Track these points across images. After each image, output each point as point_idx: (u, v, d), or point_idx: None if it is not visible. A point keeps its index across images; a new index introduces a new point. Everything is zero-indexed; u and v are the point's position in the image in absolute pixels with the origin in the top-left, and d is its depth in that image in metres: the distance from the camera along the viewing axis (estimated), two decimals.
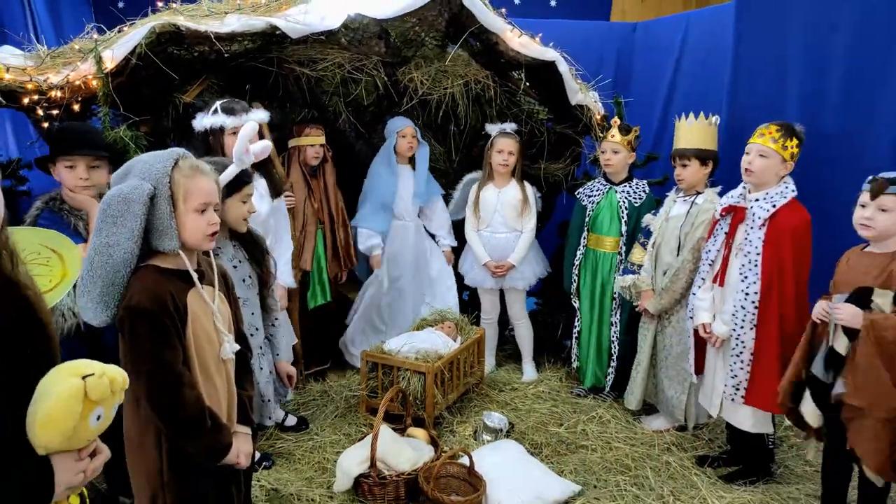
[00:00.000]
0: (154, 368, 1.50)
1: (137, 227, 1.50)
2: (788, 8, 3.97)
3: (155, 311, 1.50)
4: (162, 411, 1.52)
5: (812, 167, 3.17)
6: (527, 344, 3.91)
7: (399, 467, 2.56)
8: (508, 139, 3.66)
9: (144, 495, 1.61)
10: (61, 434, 1.08)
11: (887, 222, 2.16)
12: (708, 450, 3.04)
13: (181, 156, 1.60)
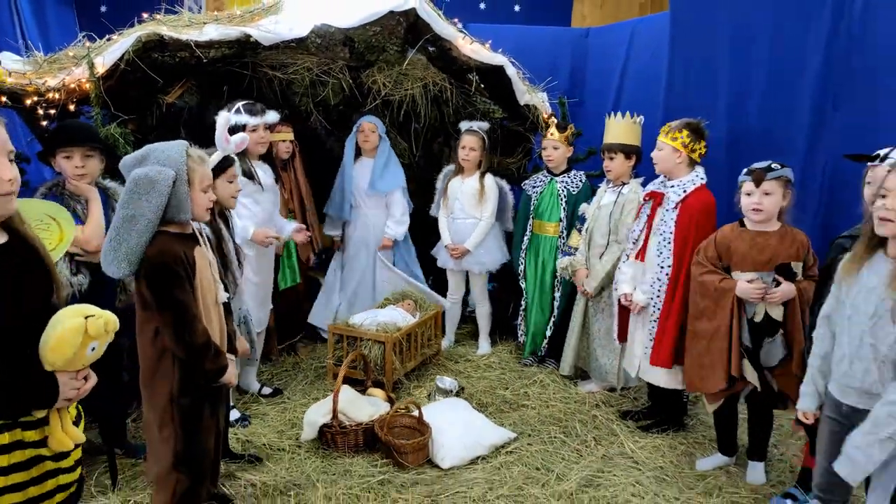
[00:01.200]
0: (174, 307, 1.92)
1: (162, 203, 1.91)
2: (716, 18, 4.42)
3: (174, 264, 1.93)
4: (180, 339, 1.94)
5: (739, 160, 3.54)
6: (484, 323, 4.31)
7: (358, 419, 2.96)
8: (472, 136, 4.05)
9: (158, 410, 2.02)
10: (64, 358, 1.46)
11: (772, 204, 2.59)
12: (631, 406, 3.47)
13: (188, 146, 2.01)
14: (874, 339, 1.83)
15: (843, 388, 1.94)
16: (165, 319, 1.94)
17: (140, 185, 1.91)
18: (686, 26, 4.56)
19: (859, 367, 1.87)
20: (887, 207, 1.78)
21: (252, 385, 3.54)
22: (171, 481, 2.06)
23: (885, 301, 1.80)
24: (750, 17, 4.31)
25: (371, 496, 2.60)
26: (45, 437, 1.47)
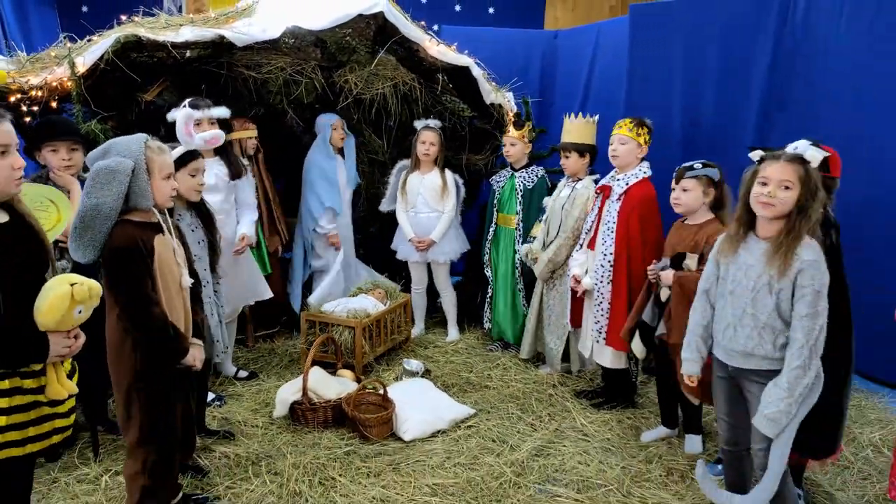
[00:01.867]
0: (130, 291, 2.08)
1: (122, 192, 2.08)
2: (671, 22, 4.68)
3: (131, 251, 2.08)
4: (135, 322, 2.10)
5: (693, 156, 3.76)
6: (451, 310, 4.52)
7: (327, 396, 3.16)
8: (431, 132, 4.26)
9: (122, 390, 2.18)
10: (55, 320, 1.66)
11: (690, 199, 2.83)
12: (586, 387, 3.70)
13: (148, 138, 2.18)
14: (754, 310, 2.08)
15: (728, 353, 2.18)
16: (120, 301, 2.09)
17: (101, 175, 2.08)
18: (643, 32, 4.82)
19: (742, 334, 2.11)
20: (768, 194, 2.02)
21: (228, 370, 3.72)
22: (141, 454, 2.22)
23: (762, 277, 2.05)
24: (702, 24, 4.59)
25: (337, 465, 2.80)
26: (42, 386, 1.67)
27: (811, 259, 1.98)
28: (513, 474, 2.77)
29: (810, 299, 1.97)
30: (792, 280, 2.00)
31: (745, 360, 2.15)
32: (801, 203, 2.02)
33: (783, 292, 2.02)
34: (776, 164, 2.07)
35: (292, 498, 2.57)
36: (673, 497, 2.63)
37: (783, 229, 2.05)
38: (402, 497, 2.58)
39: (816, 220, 2.05)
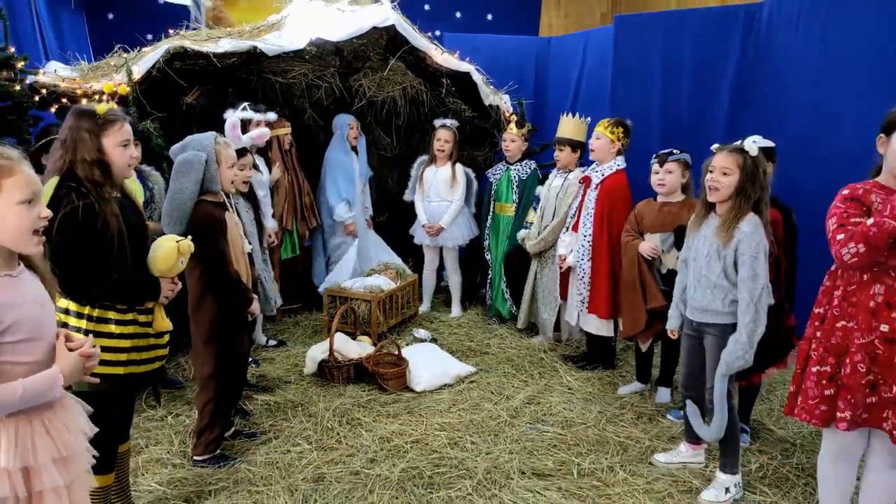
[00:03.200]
0: (211, 254, 2.61)
1: (198, 178, 2.62)
2: (651, 32, 5.22)
3: (211, 223, 2.63)
4: (215, 278, 2.65)
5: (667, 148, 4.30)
6: (456, 290, 5.05)
7: (350, 356, 3.70)
8: (446, 130, 4.78)
9: (202, 334, 2.73)
10: (167, 266, 2.18)
11: (672, 180, 3.36)
12: (573, 352, 4.23)
13: (217, 135, 2.72)
14: (708, 272, 2.60)
15: (692, 310, 2.70)
16: (203, 262, 2.63)
17: (182, 166, 2.63)
18: (626, 40, 5.35)
19: (700, 293, 2.63)
20: (713, 179, 2.55)
21: (260, 338, 4.26)
22: (212, 386, 2.78)
23: (713, 246, 2.57)
24: (678, 34, 5.13)
25: (361, 409, 3.34)
26: (150, 321, 2.20)
27: (748, 231, 2.49)
28: (508, 416, 3.31)
29: (749, 264, 2.48)
30: (734, 248, 2.51)
31: (702, 315, 2.66)
32: (740, 186, 2.54)
33: (728, 258, 2.53)
34: (720, 155, 2.60)
35: (326, 432, 3.11)
36: (641, 433, 3.17)
37: (730, 208, 2.58)
38: (416, 431, 3.12)
39: (762, 200, 2.56)
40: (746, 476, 2.79)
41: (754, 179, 2.53)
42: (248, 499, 2.56)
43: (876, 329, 2.03)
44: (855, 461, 2.25)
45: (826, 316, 2.16)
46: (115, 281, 2.09)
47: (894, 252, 1.99)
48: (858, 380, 2.05)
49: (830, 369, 2.11)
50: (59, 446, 1.53)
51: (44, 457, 1.50)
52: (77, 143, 2.07)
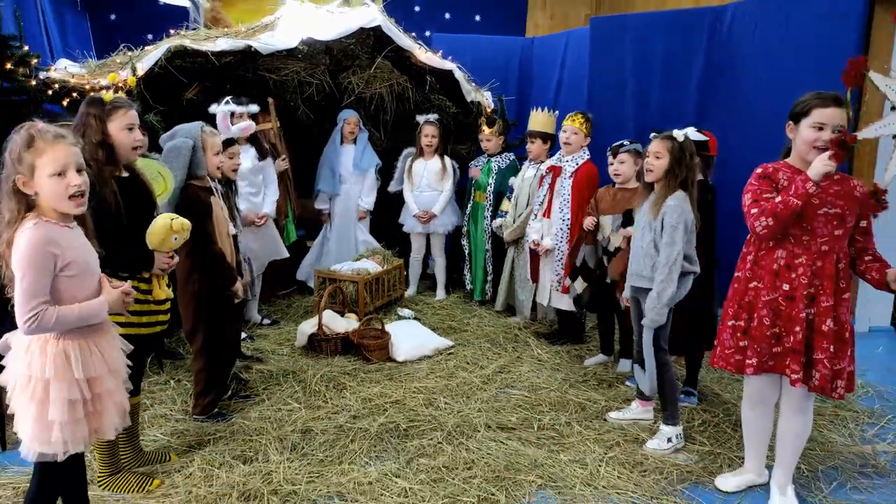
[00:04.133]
0: (200, 233, 2.90)
1: (185, 163, 2.93)
2: (625, 33, 5.54)
3: (197, 205, 2.92)
4: (201, 255, 2.93)
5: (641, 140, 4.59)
6: (441, 275, 5.37)
7: (337, 330, 4.02)
8: (431, 126, 5.10)
9: (189, 310, 3.03)
10: (159, 240, 2.47)
11: (626, 169, 3.69)
12: (545, 330, 4.56)
13: (203, 125, 3.03)
14: (642, 242, 2.94)
15: (631, 276, 3.04)
16: (195, 240, 2.85)
17: (171, 153, 2.94)
18: (602, 41, 5.67)
19: (636, 261, 2.97)
20: (648, 163, 2.89)
21: (255, 317, 4.58)
22: (203, 356, 3.08)
23: (646, 218, 2.91)
24: (649, 34, 5.46)
25: (347, 376, 3.67)
26: (150, 290, 2.51)
27: (672, 204, 2.83)
28: (480, 382, 3.64)
29: (669, 231, 2.81)
30: (661, 220, 2.86)
31: (638, 280, 3.00)
32: (669, 168, 2.88)
33: (657, 229, 2.87)
34: (654, 142, 2.94)
35: (314, 395, 3.43)
36: (599, 396, 3.50)
37: (661, 186, 2.92)
38: (395, 394, 3.45)
39: (688, 179, 2.90)
40: (690, 430, 3.12)
41: (681, 161, 2.87)
42: (242, 446, 2.88)
43: (779, 288, 2.37)
44: (768, 407, 2.58)
45: (741, 278, 2.49)
46: (110, 250, 2.38)
47: (796, 223, 2.33)
48: (764, 331, 2.38)
49: (744, 324, 2.44)
50: (108, 361, 1.96)
51: (100, 369, 1.93)
52: (85, 127, 2.38)
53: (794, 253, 2.35)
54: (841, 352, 2.34)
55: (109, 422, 2.00)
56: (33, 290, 1.80)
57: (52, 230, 1.84)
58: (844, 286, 2.35)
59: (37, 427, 1.86)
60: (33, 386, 1.86)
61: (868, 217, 2.40)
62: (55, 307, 1.83)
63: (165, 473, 2.66)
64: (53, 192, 1.83)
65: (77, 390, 1.88)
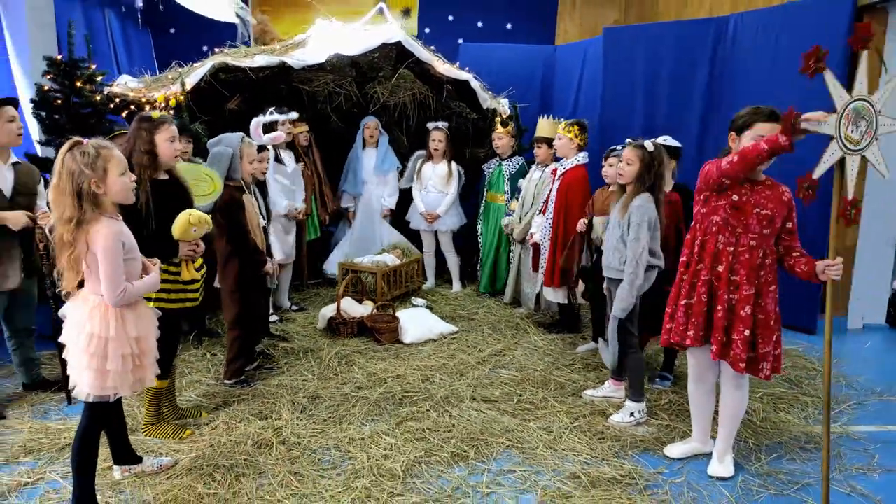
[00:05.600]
0: (235, 224, 3.45)
1: (225, 167, 3.47)
2: (635, 42, 5.86)
3: (232, 202, 3.47)
4: (236, 243, 3.48)
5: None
6: (454, 269, 5.82)
7: (354, 315, 4.52)
8: (439, 132, 5.56)
9: (227, 288, 3.58)
10: (180, 232, 2.97)
11: (614, 172, 4.05)
12: (547, 320, 4.95)
13: (244, 136, 3.58)
14: (612, 238, 3.31)
15: (605, 268, 3.41)
16: (231, 231, 3.47)
17: (215, 157, 3.49)
18: (614, 49, 6.01)
19: (608, 255, 3.35)
20: (620, 168, 3.26)
21: (284, 303, 5.14)
22: (235, 327, 3.63)
23: (616, 217, 3.28)
24: (658, 44, 5.78)
25: (357, 355, 4.16)
26: (178, 272, 3.03)
27: (637, 205, 3.20)
28: (475, 363, 4.07)
29: (634, 229, 3.19)
30: (627, 219, 3.23)
31: (609, 272, 3.39)
32: (639, 174, 3.25)
33: (623, 226, 3.25)
34: (627, 149, 3.31)
35: (327, 368, 3.94)
36: (580, 377, 3.88)
37: (630, 189, 3.29)
38: (398, 370, 3.92)
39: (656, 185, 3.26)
40: (656, 408, 3.48)
41: (650, 169, 3.23)
42: (260, 406, 3.41)
43: (715, 269, 2.72)
44: (708, 384, 2.93)
45: (689, 262, 2.84)
46: (142, 239, 2.91)
47: (736, 215, 2.64)
48: (702, 308, 2.73)
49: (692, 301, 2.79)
50: (147, 323, 2.49)
51: (145, 329, 2.46)
52: (136, 138, 2.92)
53: (729, 240, 2.69)
54: (766, 337, 2.67)
55: (150, 373, 2.52)
56: (118, 273, 2.30)
57: (116, 224, 2.36)
58: (770, 279, 2.69)
59: (95, 375, 2.35)
60: (95, 343, 2.34)
61: (793, 219, 2.73)
62: (131, 283, 2.36)
63: (196, 426, 3.20)
64: (123, 187, 2.34)
65: (129, 346, 2.39)
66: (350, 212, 5.85)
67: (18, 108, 3.37)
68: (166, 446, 3.01)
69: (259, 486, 2.70)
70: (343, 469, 2.83)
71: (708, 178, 2.70)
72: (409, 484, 2.73)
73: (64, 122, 4.08)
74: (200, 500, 2.59)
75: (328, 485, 2.71)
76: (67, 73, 4.12)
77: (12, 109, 3.24)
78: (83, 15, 6.88)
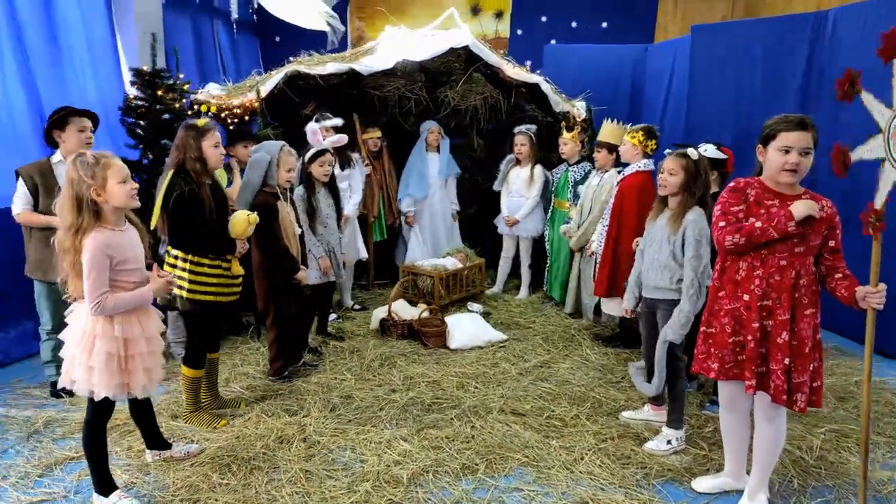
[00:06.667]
0: (268, 231, 3.60)
1: (261, 174, 3.62)
2: (725, 40, 5.50)
3: (266, 207, 3.60)
4: (268, 248, 3.62)
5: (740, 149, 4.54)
6: (526, 276, 5.72)
7: (405, 317, 4.58)
8: (523, 136, 5.46)
9: (263, 292, 3.73)
10: (241, 231, 3.18)
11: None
12: (607, 333, 4.74)
13: (284, 144, 3.71)
14: (660, 256, 3.09)
15: (647, 288, 3.19)
16: (263, 236, 3.57)
17: (253, 164, 3.63)
18: (701, 50, 5.68)
19: (653, 274, 3.12)
20: (662, 179, 3.04)
21: (347, 302, 5.30)
22: (274, 329, 3.78)
23: (664, 232, 3.05)
24: (750, 40, 5.38)
25: (401, 358, 4.21)
26: (229, 268, 3.22)
27: (693, 219, 2.97)
28: (516, 373, 3.99)
29: (693, 246, 2.95)
30: (681, 234, 3.00)
31: (655, 292, 3.17)
32: (685, 184, 3.03)
33: (676, 243, 3.02)
34: (668, 159, 3.10)
35: (367, 369, 4.02)
36: (621, 395, 3.69)
37: (678, 202, 3.07)
38: (435, 375, 3.92)
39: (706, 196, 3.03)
40: (697, 435, 3.24)
41: (696, 178, 3.01)
42: (294, 402, 3.54)
43: (740, 298, 2.49)
44: (741, 413, 2.68)
45: (712, 287, 2.62)
46: (205, 239, 3.12)
47: None
48: (725, 339, 2.51)
49: (713, 330, 2.57)
50: (144, 329, 2.54)
51: (135, 333, 2.51)
52: (186, 147, 3.12)
53: (752, 265, 2.46)
54: (800, 366, 2.41)
55: (137, 381, 2.49)
56: (97, 283, 2.38)
57: (108, 237, 2.42)
58: (807, 302, 2.42)
59: (84, 371, 2.44)
60: (85, 339, 2.45)
61: (836, 236, 2.44)
62: (113, 294, 2.42)
63: (232, 416, 3.38)
64: (124, 194, 2.44)
65: (115, 346, 2.42)
66: (409, 216, 5.88)
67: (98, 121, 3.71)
68: (199, 434, 3.20)
69: (269, 480, 2.80)
70: (352, 471, 2.88)
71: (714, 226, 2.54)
72: (411, 493, 2.73)
73: (147, 129, 4.44)
74: (213, 488, 2.73)
75: (333, 486, 2.76)
76: (151, 82, 4.49)
77: (86, 121, 3.57)
78: (191, 25, 7.46)
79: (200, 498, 2.67)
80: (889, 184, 2.20)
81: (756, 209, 2.47)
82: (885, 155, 2.17)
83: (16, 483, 2.77)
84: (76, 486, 2.76)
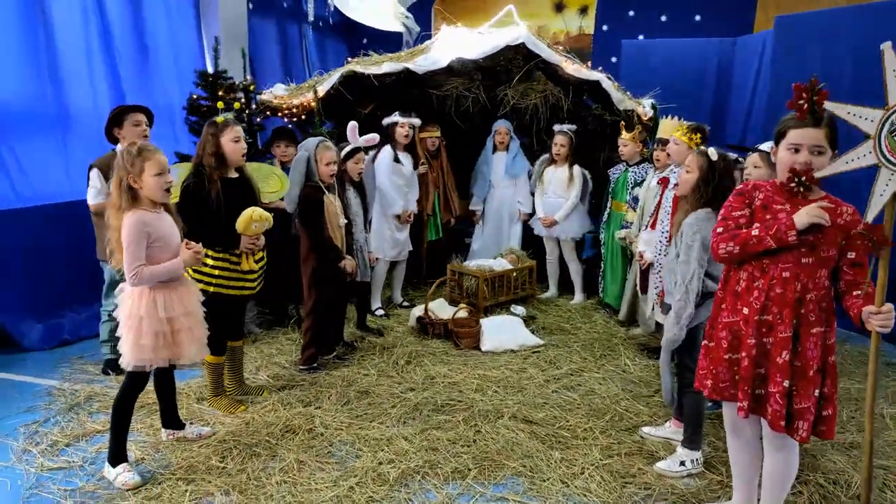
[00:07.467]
0: (310, 222, 3.72)
1: (303, 170, 3.74)
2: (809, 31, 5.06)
3: (311, 200, 3.73)
4: (313, 239, 3.74)
5: None
6: (577, 278, 5.52)
7: (441, 317, 4.56)
8: (562, 136, 5.31)
9: (306, 280, 3.87)
10: (243, 226, 3.27)
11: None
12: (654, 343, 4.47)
13: (322, 140, 3.81)
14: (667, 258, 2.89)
15: (667, 294, 2.99)
16: (308, 228, 3.73)
17: (294, 162, 3.77)
18: (785, 41, 5.26)
19: (665, 276, 2.92)
20: (680, 175, 2.82)
21: (396, 298, 5.36)
22: (310, 317, 3.90)
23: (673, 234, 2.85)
24: (837, 30, 4.90)
25: (429, 357, 4.19)
26: (239, 262, 3.36)
27: (689, 222, 2.76)
28: (542, 380, 3.85)
29: (684, 250, 2.75)
30: (679, 237, 2.80)
31: (668, 296, 2.97)
32: (696, 184, 2.81)
33: (677, 245, 2.83)
34: (691, 155, 2.88)
35: (392, 366, 4.04)
36: (648, 410, 3.47)
37: (688, 203, 2.85)
38: (458, 376, 3.87)
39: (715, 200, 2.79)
40: (715, 458, 2.98)
41: (707, 180, 2.77)
42: (311, 394, 3.62)
43: (739, 311, 2.26)
44: (746, 438, 2.43)
45: (715, 298, 2.40)
46: (210, 231, 3.24)
47: None
48: (721, 354, 2.29)
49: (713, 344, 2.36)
50: (185, 304, 2.78)
51: (178, 310, 2.76)
52: (205, 142, 3.30)
53: (752, 276, 2.23)
54: (803, 390, 2.16)
55: (186, 350, 2.81)
56: (134, 256, 2.66)
57: (145, 216, 2.71)
58: (814, 319, 2.15)
59: (132, 348, 2.72)
60: (133, 320, 2.73)
61: (858, 248, 2.15)
62: (148, 267, 2.69)
63: (252, 403, 3.52)
64: (155, 186, 2.68)
65: (161, 325, 2.74)
66: (477, 215, 5.86)
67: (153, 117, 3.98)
68: (217, 418, 3.35)
69: (264, 467, 2.89)
70: (344, 466, 2.91)
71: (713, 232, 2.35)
72: (394, 493, 2.71)
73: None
74: (209, 471, 2.86)
75: (322, 478, 2.80)
76: (212, 83, 4.76)
77: (141, 115, 3.84)
78: (277, 29, 7.84)
79: (195, 478, 2.79)
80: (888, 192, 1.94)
81: (762, 214, 2.24)
82: (879, 161, 1.92)
83: (44, 450, 3.03)
84: (94, 458, 2.98)
